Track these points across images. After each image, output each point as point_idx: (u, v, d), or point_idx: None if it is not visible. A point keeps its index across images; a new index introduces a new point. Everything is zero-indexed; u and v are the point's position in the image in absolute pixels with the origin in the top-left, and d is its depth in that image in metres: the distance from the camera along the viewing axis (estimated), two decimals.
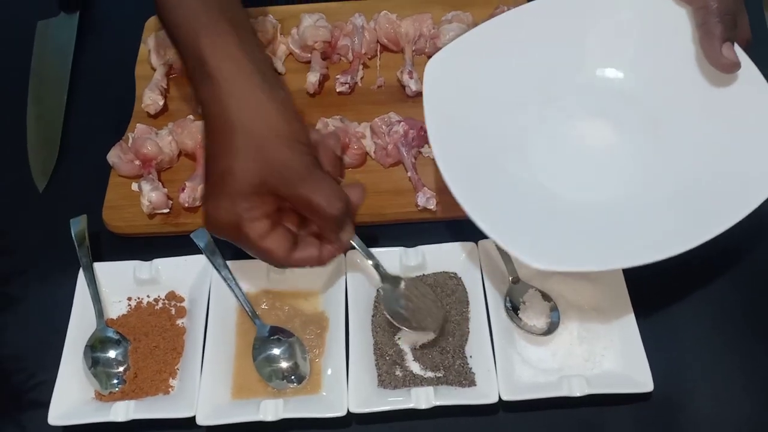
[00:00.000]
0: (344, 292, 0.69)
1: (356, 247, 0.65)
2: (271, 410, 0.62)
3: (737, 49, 0.68)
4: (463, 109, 0.71)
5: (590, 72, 0.75)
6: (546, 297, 0.68)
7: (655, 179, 0.69)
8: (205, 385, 0.64)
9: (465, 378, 0.65)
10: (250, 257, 0.70)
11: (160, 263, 0.71)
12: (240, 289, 0.69)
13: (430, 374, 0.66)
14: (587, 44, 0.75)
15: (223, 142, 0.59)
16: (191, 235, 0.73)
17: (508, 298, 0.68)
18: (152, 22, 0.91)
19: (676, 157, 0.69)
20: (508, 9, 0.83)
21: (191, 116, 0.81)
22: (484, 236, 0.63)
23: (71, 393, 0.65)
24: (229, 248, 0.72)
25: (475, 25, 0.84)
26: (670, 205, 0.66)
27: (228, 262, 0.71)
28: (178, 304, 0.71)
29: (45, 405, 0.65)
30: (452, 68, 0.72)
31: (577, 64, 0.75)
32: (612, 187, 0.70)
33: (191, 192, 0.75)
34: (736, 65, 0.67)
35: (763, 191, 0.63)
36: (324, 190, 0.59)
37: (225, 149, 0.59)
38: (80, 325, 0.69)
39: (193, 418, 0.63)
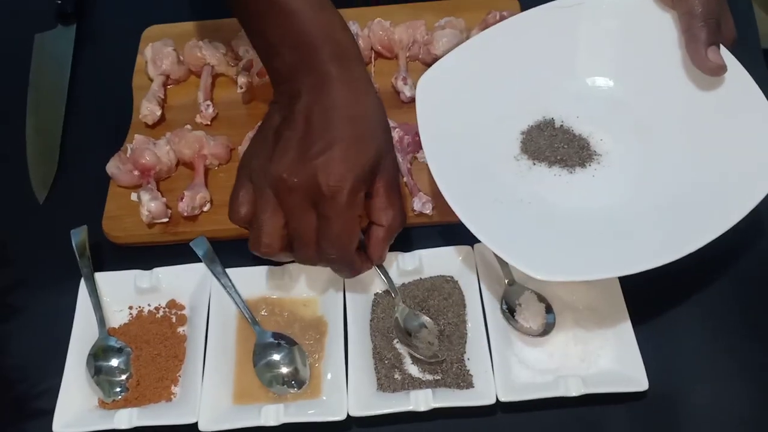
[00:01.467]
0: (342, 297, 0.70)
1: (380, 272, 0.69)
2: (272, 415, 0.63)
3: (724, 51, 0.69)
4: (456, 122, 0.72)
5: (580, 81, 0.76)
6: (541, 298, 0.69)
7: (648, 186, 0.70)
8: (207, 391, 0.65)
9: (463, 380, 0.66)
10: (248, 265, 0.72)
11: (161, 272, 0.72)
12: (239, 296, 0.70)
13: (428, 377, 0.67)
14: (575, 54, 0.76)
15: (349, 112, 0.63)
16: (191, 244, 0.74)
17: (504, 301, 0.69)
18: (149, 32, 0.92)
19: (668, 163, 0.70)
20: (500, 15, 0.85)
21: (189, 126, 0.82)
22: (479, 240, 0.64)
23: (75, 401, 0.66)
24: (229, 255, 0.73)
25: (468, 30, 0.86)
26: (663, 212, 0.67)
27: (227, 270, 0.72)
28: (179, 312, 0.72)
29: (49, 413, 0.66)
30: (444, 83, 0.73)
31: (566, 74, 0.76)
32: (605, 195, 0.70)
33: (190, 201, 0.76)
34: (722, 68, 0.68)
35: (757, 192, 0.63)
36: (399, 202, 0.66)
37: (353, 119, 0.63)
38: (82, 334, 0.70)
39: (196, 424, 0.64)
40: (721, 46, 0.69)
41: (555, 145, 0.74)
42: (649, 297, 0.69)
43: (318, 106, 0.63)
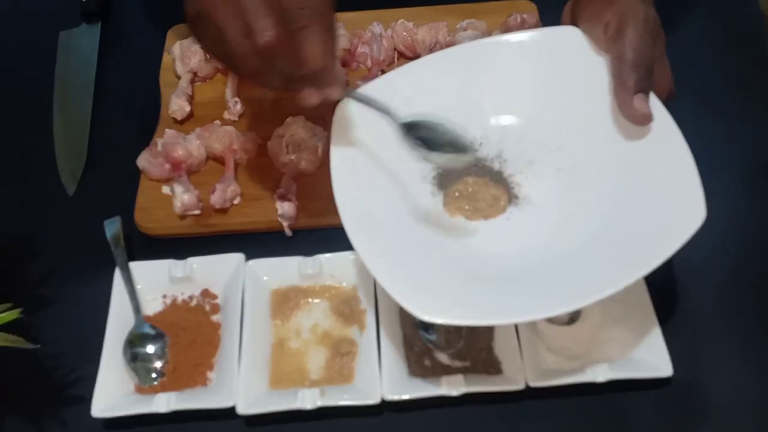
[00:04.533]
0: (373, 286, 0.72)
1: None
2: (309, 399, 0.65)
3: (654, 101, 0.67)
4: (370, 156, 0.70)
5: (503, 120, 0.75)
6: None
7: (562, 232, 0.68)
8: (244, 376, 0.67)
9: (492, 366, 0.68)
10: (278, 255, 0.74)
11: (195, 261, 0.74)
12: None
13: (457, 364, 0.69)
14: (502, 92, 0.74)
15: None
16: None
17: None
18: (174, 31, 0.94)
19: (589, 210, 0.68)
20: (521, 18, 0.87)
21: (218, 121, 0.84)
22: None
23: (112, 387, 0.68)
24: (259, 247, 0.75)
25: (489, 33, 0.88)
26: (573, 259, 0.65)
27: (258, 260, 0.74)
28: (212, 301, 0.73)
29: (85, 400, 0.67)
30: (360, 115, 0.70)
31: (491, 113, 0.74)
32: (517, 239, 0.69)
33: (222, 194, 0.77)
34: (647, 117, 0.66)
35: (672, 244, 0.61)
36: None
37: None
38: (118, 321, 0.71)
39: (232, 408, 0.66)
40: (652, 95, 0.68)
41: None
42: (672, 287, 0.71)
43: None
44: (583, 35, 0.72)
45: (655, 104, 0.68)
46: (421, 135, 0.65)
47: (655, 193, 0.66)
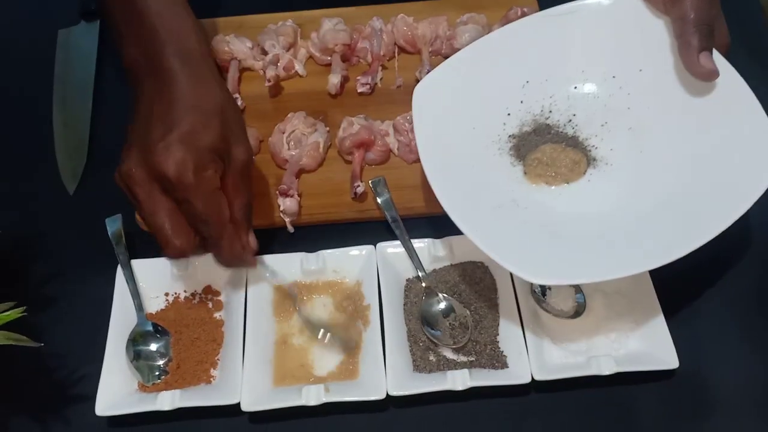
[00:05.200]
0: (377, 281, 0.72)
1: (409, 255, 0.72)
2: (313, 395, 0.65)
3: (717, 56, 0.69)
4: (452, 131, 0.73)
5: (573, 88, 0.77)
6: None
7: (642, 191, 0.70)
8: (248, 373, 0.67)
9: (497, 360, 0.68)
10: (282, 252, 0.73)
11: (197, 259, 0.73)
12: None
13: (462, 358, 0.69)
14: (569, 61, 0.76)
15: (186, 102, 0.65)
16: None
17: (535, 284, 0.71)
18: None
19: (662, 168, 0.71)
20: (521, 11, 0.87)
21: None
22: None
23: (116, 385, 0.68)
24: (263, 243, 0.74)
25: (490, 26, 0.88)
26: (657, 215, 0.67)
27: (259, 258, 0.73)
28: (215, 298, 0.73)
29: (89, 398, 0.67)
30: (439, 92, 0.73)
31: (559, 81, 0.76)
32: (600, 199, 0.71)
33: None
34: (714, 73, 0.68)
35: (750, 195, 0.63)
36: (250, 188, 0.68)
37: (188, 108, 0.64)
38: (121, 320, 0.71)
39: (237, 405, 0.65)
40: (715, 51, 0.69)
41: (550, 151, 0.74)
42: (676, 280, 0.71)
43: (158, 97, 0.66)
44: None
45: (720, 60, 0.69)
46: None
47: (729, 145, 0.68)
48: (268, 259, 0.74)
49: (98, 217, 0.78)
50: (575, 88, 0.77)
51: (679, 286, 0.72)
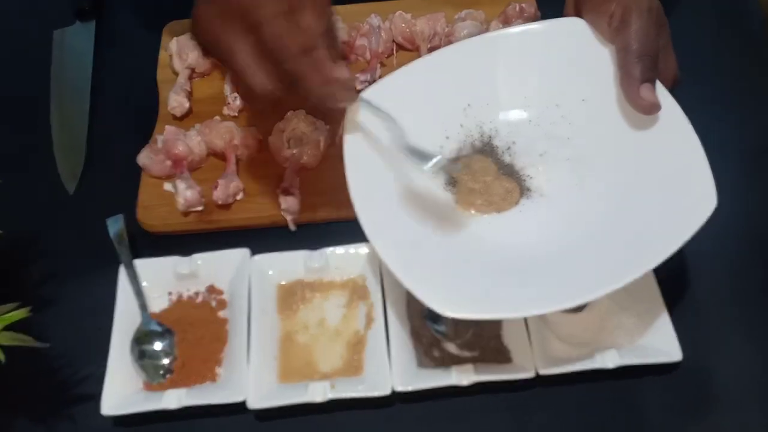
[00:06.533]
0: (380, 278, 0.72)
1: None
2: (319, 392, 0.65)
3: (661, 89, 0.68)
4: (385, 151, 0.69)
5: (512, 113, 0.75)
6: None
7: (575, 221, 0.68)
8: (253, 371, 0.67)
9: (501, 355, 0.68)
10: (282, 250, 0.73)
11: (200, 258, 0.74)
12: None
13: (466, 353, 0.69)
14: (512, 85, 0.74)
15: None
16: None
17: None
18: (170, 27, 0.94)
19: (598, 199, 0.69)
20: (520, 6, 0.87)
21: (217, 117, 0.83)
22: None
23: (121, 385, 0.67)
24: (263, 242, 0.75)
25: (488, 23, 0.88)
26: (590, 247, 0.65)
27: (263, 255, 0.74)
28: (219, 297, 0.73)
29: (93, 398, 0.67)
30: (374, 109, 0.69)
31: (501, 107, 0.74)
32: (532, 231, 0.69)
33: (224, 189, 0.77)
34: (655, 107, 0.67)
35: (684, 232, 0.62)
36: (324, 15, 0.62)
37: None
38: (125, 319, 0.71)
39: (242, 403, 0.65)
40: (659, 84, 0.68)
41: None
42: (679, 273, 0.72)
43: None
44: (587, 26, 0.72)
45: (662, 93, 0.68)
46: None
47: (666, 181, 0.66)
48: (272, 257, 0.74)
49: (98, 217, 0.78)
50: (517, 114, 0.75)
51: (682, 279, 0.73)
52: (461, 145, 0.74)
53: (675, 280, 0.71)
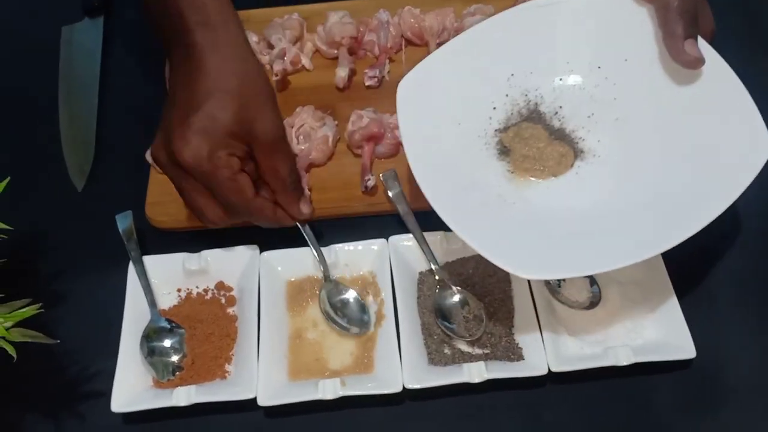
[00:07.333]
0: (390, 275, 0.71)
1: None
2: (330, 389, 0.65)
3: (702, 43, 0.69)
4: (437, 124, 0.71)
5: (559, 80, 0.75)
6: None
7: (630, 182, 0.69)
8: (263, 368, 0.67)
9: (513, 353, 0.68)
10: (291, 246, 0.73)
11: (209, 254, 0.73)
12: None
13: (478, 351, 0.68)
14: (554, 53, 0.75)
15: (206, 83, 0.65)
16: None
17: None
18: None
19: (650, 158, 0.69)
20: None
21: None
22: None
23: (130, 382, 0.67)
24: (270, 238, 0.74)
25: None
26: (646, 207, 0.66)
27: (273, 252, 0.73)
28: (228, 294, 0.73)
29: (103, 395, 0.67)
30: (425, 85, 0.72)
31: (545, 73, 0.75)
32: (588, 193, 0.70)
33: None
34: (700, 61, 0.68)
35: (739, 184, 0.63)
36: (290, 157, 0.69)
37: (209, 90, 0.64)
38: (134, 316, 0.71)
39: (253, 400, 0.65)
40: (700, 38, 0.69)
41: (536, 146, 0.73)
42: (692, 268, 0.71)
43: (183, 69, 0.66)
44: None
45: (704, 47, 0.69)
46: None
47: (717, 132, 0.67)
48: (281, 253, 0.73)
49: (108, 213, 0.78)
50: (560, 79, 0.76)
51: (694, 275, 0.72)
52: (509, 114, 0.75)
53: (687, 275, 0.71)
